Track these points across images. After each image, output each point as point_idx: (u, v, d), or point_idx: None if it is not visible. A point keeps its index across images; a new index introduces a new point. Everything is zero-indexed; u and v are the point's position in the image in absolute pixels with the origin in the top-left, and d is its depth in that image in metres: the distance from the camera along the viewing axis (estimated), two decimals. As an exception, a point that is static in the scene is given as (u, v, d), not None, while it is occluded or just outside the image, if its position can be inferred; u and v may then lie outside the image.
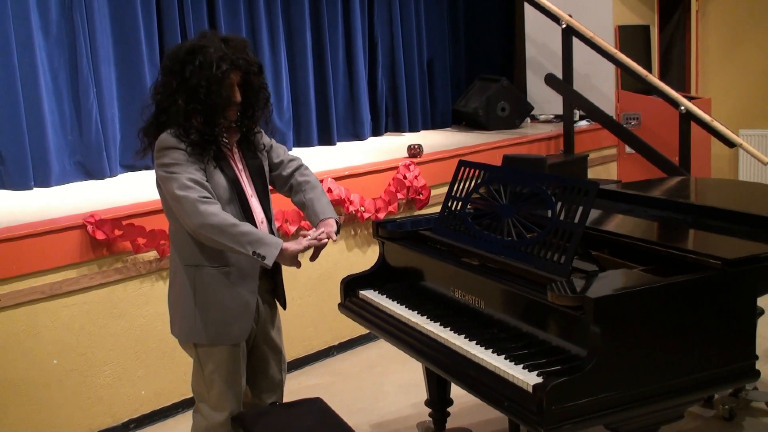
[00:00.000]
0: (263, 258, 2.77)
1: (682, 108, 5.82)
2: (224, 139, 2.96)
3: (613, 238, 3.09)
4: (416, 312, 3.14)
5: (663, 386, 2.54)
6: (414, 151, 5.53)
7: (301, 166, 3.23)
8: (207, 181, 2.84)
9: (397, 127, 7.06)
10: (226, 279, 2.90)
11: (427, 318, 3.07)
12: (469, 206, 3.22)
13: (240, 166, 3.01)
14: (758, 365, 2.75)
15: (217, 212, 2.77)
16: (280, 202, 4.56)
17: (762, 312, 3.68)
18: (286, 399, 3.12)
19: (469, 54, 8.05)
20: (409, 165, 5.32)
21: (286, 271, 3.11)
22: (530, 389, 2.43)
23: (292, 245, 2.85)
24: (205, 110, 2.84)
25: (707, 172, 6.96)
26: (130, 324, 4.09)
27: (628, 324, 2.48)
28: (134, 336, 4.12)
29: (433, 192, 5.35)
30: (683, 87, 8.28)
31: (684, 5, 8.40)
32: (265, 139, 3.16)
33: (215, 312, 2.91)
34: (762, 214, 3.06)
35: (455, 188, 3.28)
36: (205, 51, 2.82)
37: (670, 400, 2.58)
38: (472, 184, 3.23)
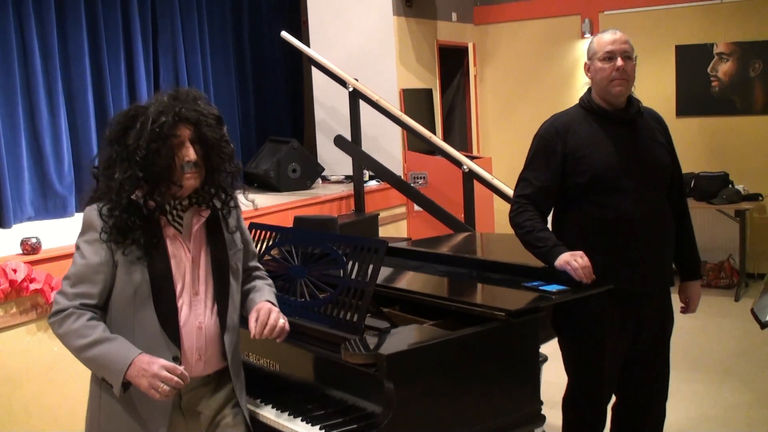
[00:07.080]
0: (111, 386, 2.35)
1: (465, 167, 6.06)
2: (176, 218, 2.47)
3: (403, 294, 3.15)
4: (210, 379, 3.05)
5: (456, 437, 2.60)
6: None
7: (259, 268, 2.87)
8: (115, 276, 2.39)
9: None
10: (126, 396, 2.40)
11: (221, 384, 2.99)
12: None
13: (191, 256, 2.49)
14: (543, 410, 2.87)
15: (73, 331, 2.34)
16: None
17: (545, 359, 3.85)
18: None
19: (258, 116, 8.08)
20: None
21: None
22: (327, 450, 2.41)
23: (149, 359, 2.31)
24: (146, 177, 2.34)
25: (491, 227, 7.25)
26: None
27: (421, 378, 2.52)
28: None
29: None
30: (465, 147, 8.66)
31: (463, 70, 8.83)
32: (239, 222, 2.68)
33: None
34: (540, 266, 3.22)
35: (247, 250, 3.24)
36: (146, 110, 2.38)
37: (464, 450, 2.63)
38: (264, 246, 3.21)
